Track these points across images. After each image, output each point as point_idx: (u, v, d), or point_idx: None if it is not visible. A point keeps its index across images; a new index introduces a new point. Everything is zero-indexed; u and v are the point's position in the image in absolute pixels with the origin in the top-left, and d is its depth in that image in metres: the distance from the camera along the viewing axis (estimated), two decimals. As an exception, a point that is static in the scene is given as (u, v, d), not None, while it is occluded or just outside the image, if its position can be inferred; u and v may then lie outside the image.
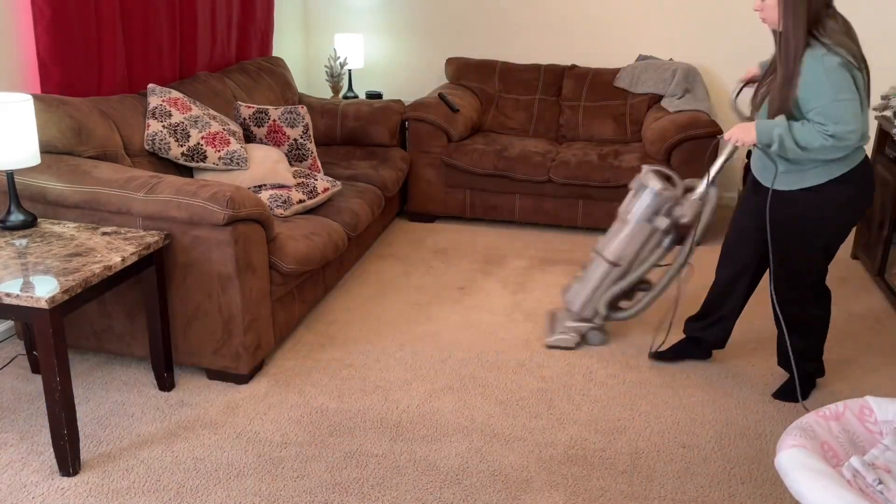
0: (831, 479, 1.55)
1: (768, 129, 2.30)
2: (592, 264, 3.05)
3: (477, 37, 5.14)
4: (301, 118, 3.56)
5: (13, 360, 2.91)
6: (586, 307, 3.04)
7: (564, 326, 3.10)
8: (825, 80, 2.22)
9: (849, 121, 2.21)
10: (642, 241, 2.94)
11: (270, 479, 2.26)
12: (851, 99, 2.22)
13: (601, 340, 3.10)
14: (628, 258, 2.96)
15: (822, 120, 2.24)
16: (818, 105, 2.24)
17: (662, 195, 2.85)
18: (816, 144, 2.25)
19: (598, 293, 3.02)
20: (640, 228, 2.92)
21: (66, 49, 2.96)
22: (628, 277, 2.97)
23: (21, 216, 2.50)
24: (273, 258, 2.80)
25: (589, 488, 2.25)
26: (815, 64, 2.24)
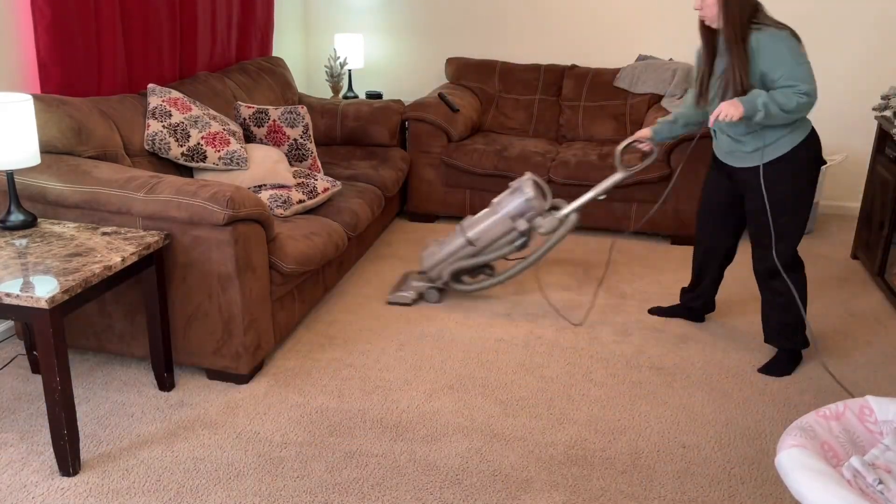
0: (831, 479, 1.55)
1: (752, 101, 2.60)
2: (453, 236, 3.41)
3: (477, 37, 5.15)
4: (301, 118, 3.56)
5: (13, 360, 2.91)
6: (434, 269, 3.43)
7: (409, 285, 3.49)
8: (785, 50, 2.59)
9: (810, 79, 2.59)
10: (500, 233, 3.30)
11: (270, 479, 2.26)
12: (807, 62, 2.61)
13: (437, 299, 3.45)
14: (483, 242, 3.33)
15: (792, 82, 2.58)
16: (785, 71, 2.59)
17: (531, 203, 3.21)
18: (794, 104, 2.57)
19: (448, 261, 3.40)
20: (502, 222, 3.28)
21: (66, 49, 2.96)
22: (477, 258, 3.35)
23: (21, 216, 2.50)
24: (273, 258, 2.80)
25: (589, 488, 2.25)
26: (773, 41, 2.60)
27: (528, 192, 3.21)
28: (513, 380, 2.83)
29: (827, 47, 4.62)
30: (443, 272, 3.39)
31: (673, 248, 4.20)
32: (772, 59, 2.60)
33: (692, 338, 3.18)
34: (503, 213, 3.26)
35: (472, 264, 3.35)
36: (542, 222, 3.22)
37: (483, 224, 3.31)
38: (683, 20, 4.80)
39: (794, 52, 2.59)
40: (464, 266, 3.36)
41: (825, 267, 3.99)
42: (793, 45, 2.60)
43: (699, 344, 3.13)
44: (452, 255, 3.38)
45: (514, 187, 3.28)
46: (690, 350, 3.08)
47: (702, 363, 2.98)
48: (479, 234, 3.31)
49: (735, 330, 3.26)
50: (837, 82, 4.67)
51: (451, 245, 3.38)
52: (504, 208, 3.26)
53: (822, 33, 4.60)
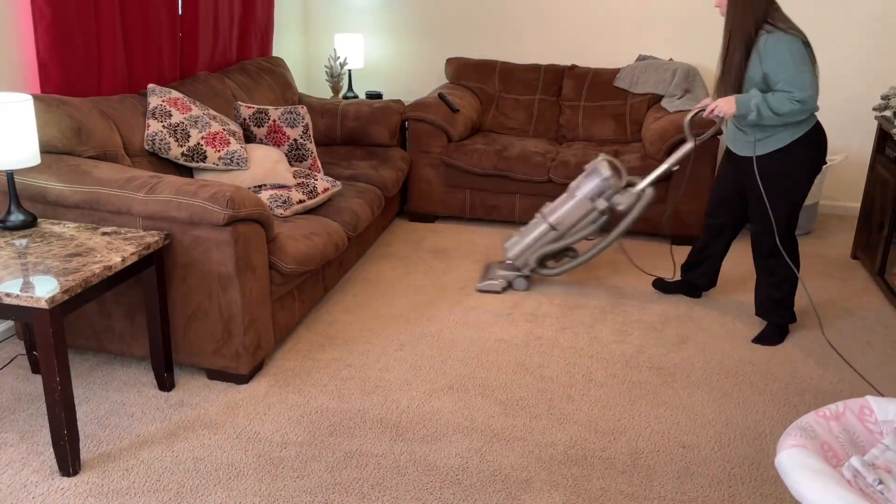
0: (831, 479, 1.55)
1: (746, 101, 2.78)
2: (534, 223, 3.54)
3: (477, 37, 5.15)
4: (301, 118, 3.56)
5: (13, 360, 2.91)
6: (520, 257, 3.56)
7: (495, 274, 3.62)
8: (789, 56, 2.70)
9: (808, 87, 2.71)
10: (581, 215, 3.44)
11: (270, 479, 2.26)
12: (809, 71, 2.72)
13: (525, 286, 3.59)
14: (566, 226, 3.47)
15: (789, 88, 2.72)
16: (785, 76, 2.72)
17: (608, 182, 3.35)
18: (786, 109, 2.73)
19: (533, 248, 3.53)
20: (582, 204, 3.42)
21: (66, 49, 2.96)
22: (561, 241, 3.48)
23: (21, 216, 2.50)
24: (273, 258, 2.80)
25: (589, 488, 2.25)
26: (780, 44, 2.71)
27: (604, 172, 3.34)
28: (513, 380, 2.83)
29: (827, 47, 4.62)
30: (529, 259, 3.53)
31: (672, 248, 4.20)
32: (775, 63, 2.72)
33: (692, 338, 3.18)
34: (581, 196, 3.40)
35: (557, 248, 3.49)
36: (621, 199, 3.35)
37: (563, 208, 3.45)
38: (683, 20, 4.80)
39: (798, 59, 2.69)
40: (549, 251, 3.50)
41: (825, 267, 3.99)
42: (798, 51, 2.69)
43: (699, 344, 3.13)
44: (537, 241, 3.52)
45: (589, 170, 3.41)
46: (690, 350, 3.08)
47: (702, 363, 2.98)
48: (560, 218, 3.45)
49: (735, 330, 3.26)
50: (837, 82, 4.67)
51: (534, 232, 3.52)
52: (581, 191, 3.40)
53: (822, 33, 4.61)
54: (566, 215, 3.44)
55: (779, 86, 2.73)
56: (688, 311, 3.43)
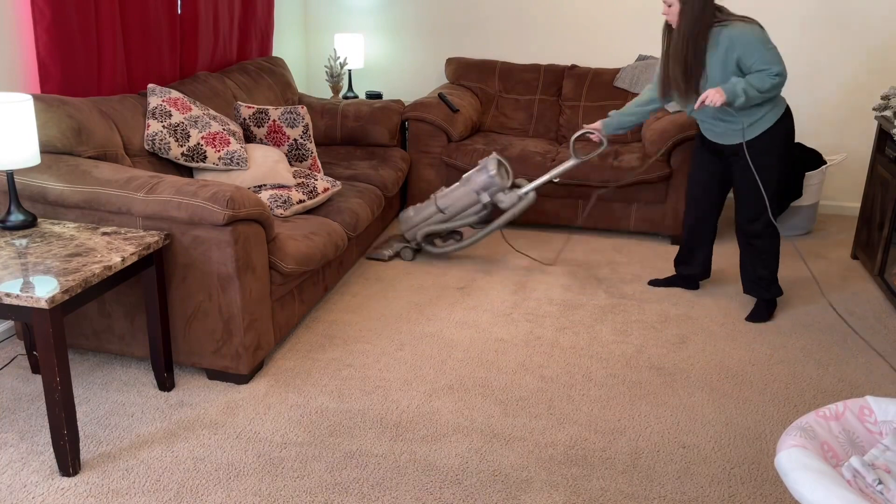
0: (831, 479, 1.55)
1: (732, 87, 2.97)
2: (427, 203, 3.87)
3: (477, 37, 5.15)
4: (301, 118, 3.56)
5: (13, 360, 2.91)
6: (409, 231, 3.92)
7: (388, 245, 3.99)
8: (755, 40, 2.95)
9: (779, 61, 2.96)
10: (466, 204, 3.75)
11: (270, 479, 2.26)
12: (774, 47, 2.96)
13: (410, 257, 3.94)
14: (452, 211, 3.79)
15: (765, 66, 2.95)
16: (758, 57, 2.95)
17: (493, 179, 3.65)
18: (768, 84, 2.96)
19: (422, 225, 3.87)
20: (468, 194, 3.73)
21: (66, 49, 2.97)
22: (445, 224, 3.81)
23: (21, 216, 2.50)
24: (273, 258, 2.80)
25: (589, 488, 2.25)
26: (745, 31, 2.95)
27: (490, 170, 3.64)
28: (513, 380, 2.83)
29: (827, 47, 4.62)
30: (417, 234, 3.87)
31: (673, 249, 4.20)
32: (747, 50, 2.96)
33: (692, 338, 3.18)
34: (469, 188, 3.71)
35: (442, 229, 3.83)
36: (503, 198, 3.68)
37: (453, 195, 3.77)
38: (683, 20, 4.79)
39: (763, 40, 2.95)
40: (435, 230, 3.83)
41: (825, 267, 3.99)
42: (761, 34, 2.96)
43: (699, 344, 3.13)
44: (425, 220, 3.86)
45: (481, 164, 3.71)
46: (690, 350, 3.08)
47: (702, 363, 2.98)
48: (448, 203, 3.78)
49: (735, 330, 3.26)
50: (837, 82, 4.67)
51: (424, 211, 3.86)
52: (470, 183, 3.71)
53: (822, 33, 4.61)
54: (454, 202, 3.76)
55: (754, 67, 2.96)
56: (688, 311, 3.43)
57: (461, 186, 3.74)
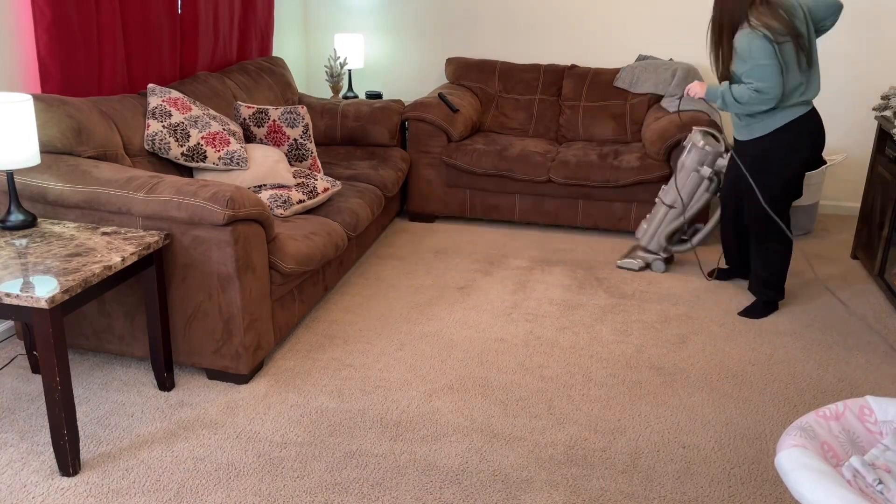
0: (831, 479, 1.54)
1: (715, 88, 3.16)
2: (655, 208, 3.81)
3: (477, 37, 5.15)
4: (301, 118, 3.56)
5: (13, 360, 2.91)
6: (651, 242, 3.82)
7: (636, 254, 3.87)
8: (748, 50, 2.96)
9: (768, 79, 2.96)
10: (692, 187, 3.66)
11: (270, 479, 2.26)
12: (770, 64, 2.94)
13: (663, 269, 3.84)
14: (682, 202, 3.70)
15: (749, 80, 3.01)
16: (745, 69, 3.00)
17: (705, 150, 3.57)
18: (745, 98, 3.02)
19: (660, 230, 3.78)
20: (689, 177, 3.65)
21: (66, 49, 2.97)
22: (682, 217, 3.72)
23: (21, 216, 2.50)
24: (273, 258, 2.80)
25: (589, 488, 2.25)
26: (743, 39, 2.98)
27: (699, 142, 3.57)
28: (513, 380, 2.83)
29: (827, 47, 4.62)
30: (660, 240, 3.80)
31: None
32: (739, 56, 3.01)
33: (692, 338, 3.18)
34: (686, 169, 3.65)
35: (681, 223, 3.75)
36: (724, 162, 3.58)
37: (674, 186, 3.71)
38: (683, 20, 4.80)
39: (760, 53, 2.94)
40: (675, 227, 3.75)
41: (825, 267, 3.99)
42: (759, 46, 2.93)
43: (699, 344, 3.13)
44: (661, 223, 3.78)
45: (687, 145, 3.65)
46: (690, 350, 3.08)
47: (702, 363, 2.98)
48: (674, 196, 3.71)
49: (735, 330, 3.26)
50: (837, 82, 4.67)
51: (656, 216, 3.79)
52: (685, 165, 3.65)
53: (822, 33, 4.60)
54: (679, 191, 3.69)
55: (741, 77, 3.04)
56: (688, 311, 3.43)
57: (678, 173, 3.70)
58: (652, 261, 3.83)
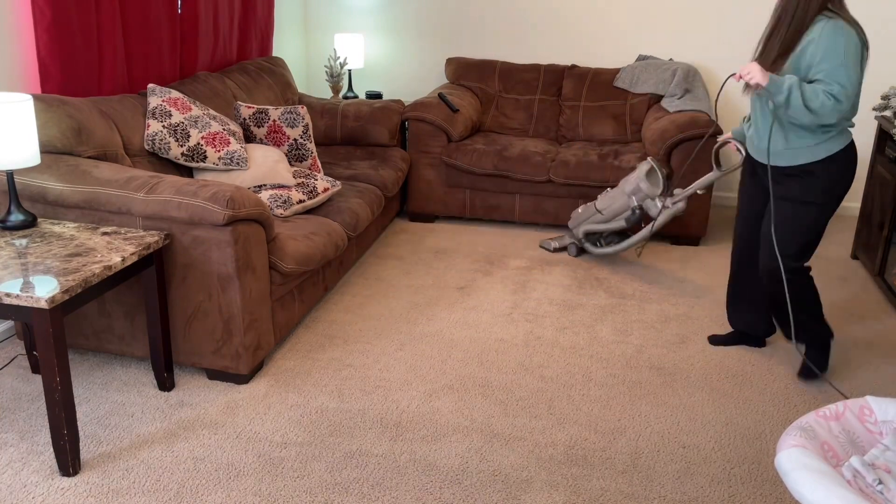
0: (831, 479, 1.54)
1: (780, 80, 2.44)
2: (591, 203, 3.98)
3: (477, 37, 5.15)
4: (301, 118, 3.56)
5: (13, 360, 2.91)
6: (575, 228, 4.03)
7: (558, 238, 4.15)
8: (841, 46, 2.39)
9: (849, 85, 2.39)
10: (619, 207, 3.79)
11: (270, 479, 2.26)
12: (857, 68, 2.40)
13: (574, 253, 4.05)
14: (608, 213, 3.84)
15: (828, 79, 2.40)
16: (828, 67, 2.40)
17: (640, 185, 3.65)
18: (818, 102, 2.40)
19: (584, 223, 3.97)
20: (620, 196, 3.77)
21: (66, 49, 2.97)
22: (604, 226, 3.87)
23: (21, 216, 2.50)
24: (273, 258, 2.80)
25: (589, 488, 2.25)
26: (835, 32, 2.40)
27: (640, 176, 3.65)
28: (513, 380, 2.83)
29: (827, 47, 4.62)
30: (579, 231, 3.99)
31: (673, 248, 4.20)
32: (823, 50, 2.41)
33: (692, 338, 3.18)
34: (622, 190, 3.76)
35: (602, 230, 3.89)
36: (650, 205, 3.65)
37: (609, 196, 3.85)
38: (683, 20, 4.80)
39: (849, 55, 2.39)
40: (594, 230, 3.91)
41: (825, 267, 3.99)
42: (853, 45, 2.40)
43: (699, 344, 3.13)
44: (587, 219, 3.95)
45: (638, 168, 3.71)
46: (690, 350, 3.08)
47: (702, 363, 2.98)
48: (605, 205, 3.85)
49: (735, 330, 3.26)
50: (837, 82, 4.67)
51: (587, 211, 3.96)
52: (624, 185, 3.75)
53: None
54: (609, 203, 3.82)
55: (818, 75, 2.42)
56: (688, 311, 3.43)
57: (617, 188, 3.79)
58: (568, 244, 4.07)
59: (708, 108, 4.26)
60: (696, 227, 4.17)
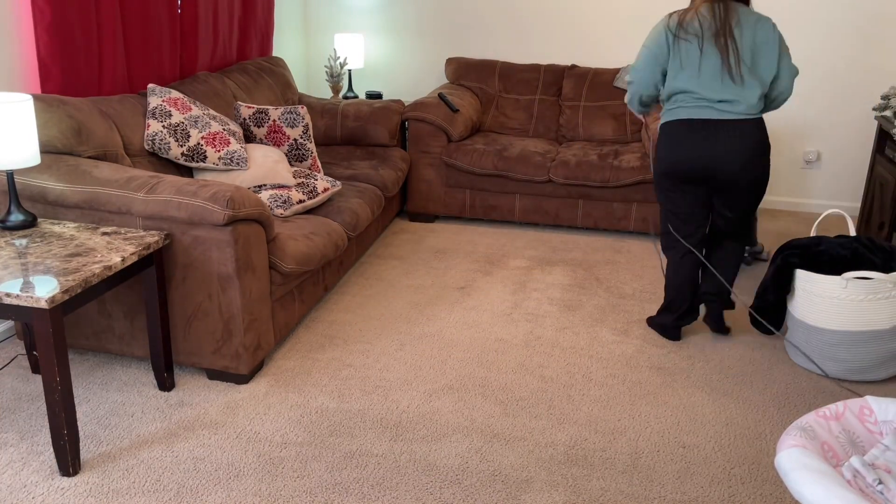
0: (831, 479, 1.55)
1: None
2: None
3: (477, 37, 5.15)
4: (301, 118, 3.56)
5: (13, 360, 2.91)
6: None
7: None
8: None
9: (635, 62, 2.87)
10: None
11: (270, 479, 2.26)
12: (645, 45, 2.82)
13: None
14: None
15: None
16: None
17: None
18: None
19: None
20: None
21: (66, 49, 2.97)
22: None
23: (21, 216, 2.50)
24: (273, 258, 2.80)
25: (589, 488, 2.25)
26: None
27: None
28: (513, 380, 2.83)
29: (827, 47, 4.62)
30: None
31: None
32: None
33: (692, 338, 3.18)
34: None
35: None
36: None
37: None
38: (683, 20, 4.79)
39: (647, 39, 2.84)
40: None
41: (825, 267, 3.99)
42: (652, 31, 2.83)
43: (699, 344, 3.13)
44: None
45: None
46: (690, 350, 3.08)
47: (702, 363, 2.98)
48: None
49: (735, 330, 3.26)
50: (837, 82, 4.67)
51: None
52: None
53: (821, 33, 4.60)
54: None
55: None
56: (688, 311, 3.42)
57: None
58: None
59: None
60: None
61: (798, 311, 2.92)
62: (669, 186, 2.92)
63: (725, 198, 2.88)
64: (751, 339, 3.18)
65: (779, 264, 2.94)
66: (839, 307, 2.78)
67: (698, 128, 2.75)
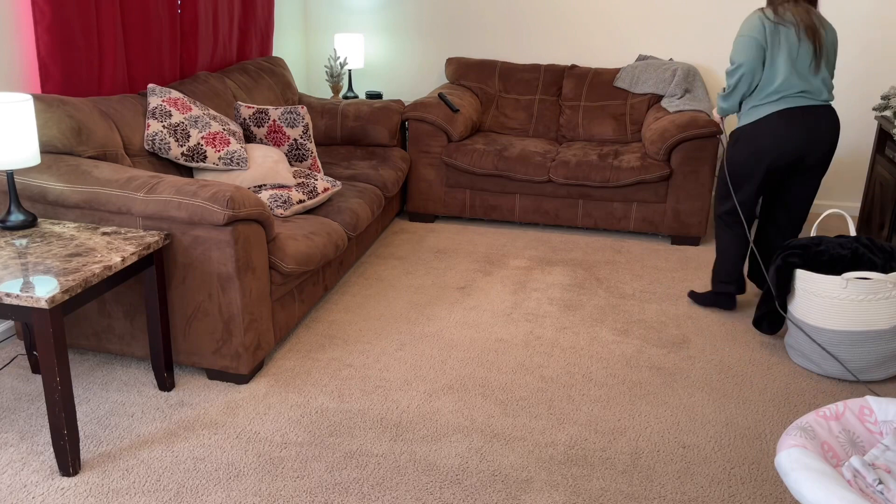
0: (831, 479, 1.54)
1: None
2: None
3: (477, 37, 5.15)
4: (301, 118, 3.56)
5: (13, 360, 2.91)
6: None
7: None
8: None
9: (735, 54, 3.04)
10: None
11: (270, 479, 2.26)
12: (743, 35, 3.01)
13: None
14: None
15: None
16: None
17: None
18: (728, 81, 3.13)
19: None
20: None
21: (66, 49, 2.97)
22: None
23: (21, 216, 2.50)
24: (273, 258, 2.80)
25: (589, 488, 2.25)
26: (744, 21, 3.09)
27: None
28: (513, 380, 2.83)
29: (827, 47, 4.62)
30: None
31: (673, 248, 4.20)
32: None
33: (692, 338, 3.18)
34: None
35: None
36: None
37: None
38: (683, 20, 4.80)
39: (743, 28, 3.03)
40: None
41: (825, 267, 3.99)
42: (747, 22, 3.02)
43: (699, 344, 3.13)
44: None
45: None
46: (690, 350, 3.08)
47: (702, 363, 2.98)
48: None
49: (735, 330, 3.26)
50: (837, 82, 4.67)
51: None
52: None
53: (822, 33, 4.60)
54: None
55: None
56: (688, 310, 3.43)
57: None
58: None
59: (708, 108, 4.26)
60: (696, 227, 4.17)
61: (798, 311, 2.92)
62: (752, 178, 3.16)
63: (808, 177, 3.19)
64: (751, 339, 3.18)
65: (779, 264, 2.94)
66: (839, 307, 2.78)
67: (798, 115, 3.05)
